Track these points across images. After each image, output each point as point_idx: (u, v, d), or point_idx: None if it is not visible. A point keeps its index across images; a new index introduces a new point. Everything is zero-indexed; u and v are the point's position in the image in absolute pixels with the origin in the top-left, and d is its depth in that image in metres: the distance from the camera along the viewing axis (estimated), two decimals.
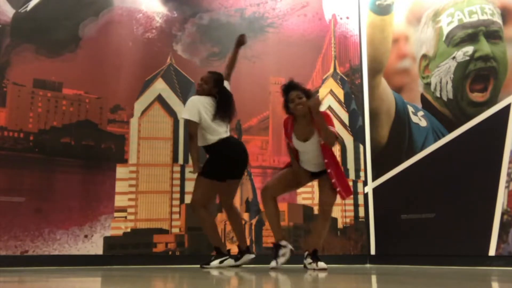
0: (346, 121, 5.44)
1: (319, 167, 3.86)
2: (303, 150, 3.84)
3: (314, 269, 3.63)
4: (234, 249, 4.24)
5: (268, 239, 4.96)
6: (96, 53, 4.94)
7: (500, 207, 4.18)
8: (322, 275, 3.23)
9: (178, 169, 4.99)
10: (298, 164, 3.92)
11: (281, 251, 3.82)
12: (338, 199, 3.90)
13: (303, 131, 3.80)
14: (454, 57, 4.66)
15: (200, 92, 4.08)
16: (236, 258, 4.05)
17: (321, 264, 3.66)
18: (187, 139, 4.06)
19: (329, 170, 3.76)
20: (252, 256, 4.07)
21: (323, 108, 4.01)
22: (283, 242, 3.86)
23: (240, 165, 4.06)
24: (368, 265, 4.95)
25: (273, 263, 3.78)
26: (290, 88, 3.82)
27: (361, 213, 5.21)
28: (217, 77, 4.10)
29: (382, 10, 5.37)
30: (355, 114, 5.46)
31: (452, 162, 4.56)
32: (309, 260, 3.74)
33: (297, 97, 3.75)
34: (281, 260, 3.79)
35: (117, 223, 4.77)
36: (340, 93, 5.48)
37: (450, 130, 4.65)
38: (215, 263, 3.99)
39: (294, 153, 3.94)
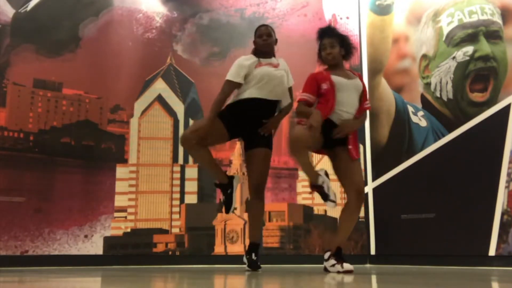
0: None
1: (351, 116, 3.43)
2: (346, 88, 3.41)
3: (338, 272, 3.21)
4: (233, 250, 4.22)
5: (268, 239, 4.96)
6: (96, 53, 4.95)
7: (500, 207, 4.18)
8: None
9: (178, 169, 4.99)
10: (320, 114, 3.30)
11: (325, 186, 3.30)
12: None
13: (344, 75, 3.48)
14: (454, 57, 4.66)
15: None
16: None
17: (347, 266, 3.22)
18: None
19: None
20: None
21: None
22: (320, 176, 3.32)
23: None
24: (368, 265, 4.95)
25: (331, 204, 3.31)
26: (323, 33, 3.53)
27: (361, 213, 5.20)
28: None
29: (382, 10, 5.37)
30: None
31: (452, 162, 4.56)
32: (332, 261, 3.27)
33: (329, 45, 3.47)
34: (332, 195, 3.29)
35: (117, 223, 4.77)
36: None
37: (450, 130, 4.65)
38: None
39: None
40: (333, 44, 3.47)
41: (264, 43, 3.73)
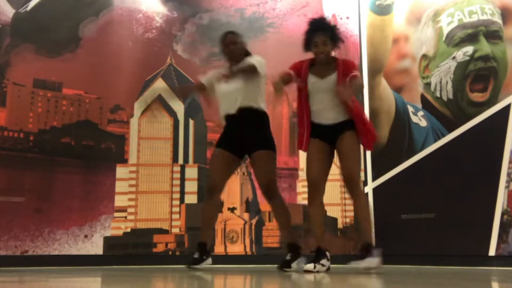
0: None
1: (337, 115, 3.39)
2: (320, 89, 3.40)
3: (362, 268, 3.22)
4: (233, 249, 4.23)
5: (268, 239, 4.96)
6: (96, 53, 4.95)
7: (500, 207, 4.18)
8: (323, 275, 3.21)
9: (178, 169, 4.99)
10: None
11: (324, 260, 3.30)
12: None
13: (322, 72, 3.43)
14: (454, 57, 4.65)
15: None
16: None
17: (368, 261, 3.20)
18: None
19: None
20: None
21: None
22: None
23: None
24: None
25: (309, 266, 3.26)
26: (317, 28, 3.43)
27: None
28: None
29: (382, 10, 5.36)
30: None
31: (452, 162, 4.56)
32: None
33: (322, 43, 3.39)
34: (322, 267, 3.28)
35: (117, 223, 4.77)
36: None
37: (450, 130, 4.65)
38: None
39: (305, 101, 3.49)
40: (326, 42, 3.42)
41: (229, 51, 3.79)
